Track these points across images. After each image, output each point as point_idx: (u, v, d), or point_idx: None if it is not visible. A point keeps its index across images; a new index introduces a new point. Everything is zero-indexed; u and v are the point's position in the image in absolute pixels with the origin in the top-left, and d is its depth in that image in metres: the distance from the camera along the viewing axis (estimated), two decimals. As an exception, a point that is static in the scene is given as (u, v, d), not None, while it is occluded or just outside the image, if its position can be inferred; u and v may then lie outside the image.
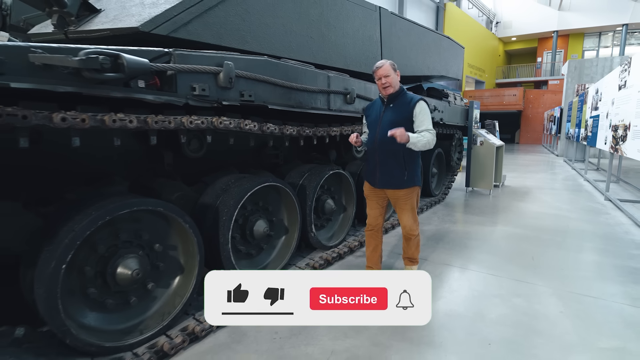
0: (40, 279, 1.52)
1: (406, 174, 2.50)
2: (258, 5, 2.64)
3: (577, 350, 1.94)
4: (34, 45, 1.35)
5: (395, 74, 2.48)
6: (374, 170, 2.57)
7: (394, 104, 2.51)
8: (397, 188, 2.53)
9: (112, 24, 2.22)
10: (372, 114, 2.61)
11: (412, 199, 2.59)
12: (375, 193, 2.66)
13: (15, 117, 1.29)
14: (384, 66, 2.45)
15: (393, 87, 2.46)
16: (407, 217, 2.61)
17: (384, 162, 2.51)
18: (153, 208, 1.85)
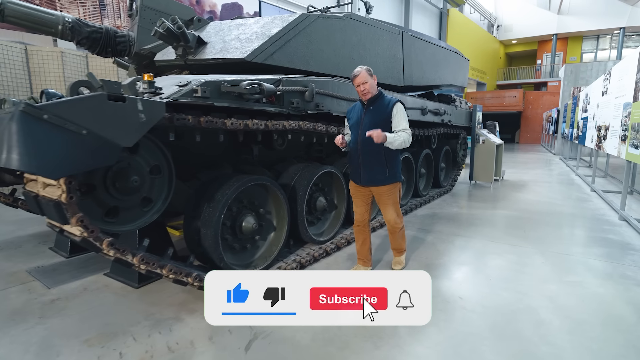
0: (206, 225, 2.41)
1: (387, 171, 2.65)
2: (316, 36, 3.53)
3: (550, 282, 2.82)
4: (224, 79, 2.24)
5: (372, 79, 2.61)
6: (358, 169, 2.70)
7: (374, 106, 2.65)
8: (379, 185, 2.69)
9: (222, 54, 3.12)
10: (354, 117, 2.73)
11: (394, 194, 2.74)
12: (360, 191, 2.80)
13: (212, 122, 2.19)
14: (360, 74, 2.57)
15: (371, 92, 2.61)
16: (390, 212, 2.76)
17: (367, 161, 2.64)
18: (264, 182, 2.74)
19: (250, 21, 3.48)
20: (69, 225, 1.67)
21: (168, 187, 2.21)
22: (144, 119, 1.75)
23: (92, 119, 1.58)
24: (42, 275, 2.99)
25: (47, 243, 3.78)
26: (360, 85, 2.59)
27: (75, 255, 3.39)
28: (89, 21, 3.40)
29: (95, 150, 1.60)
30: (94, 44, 3.42)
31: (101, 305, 2.47)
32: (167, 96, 1.93)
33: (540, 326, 2.20)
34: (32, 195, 1.76)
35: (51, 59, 6.65)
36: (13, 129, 1.38)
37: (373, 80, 2.63)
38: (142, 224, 2.10)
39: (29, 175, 1.81)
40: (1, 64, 6.08)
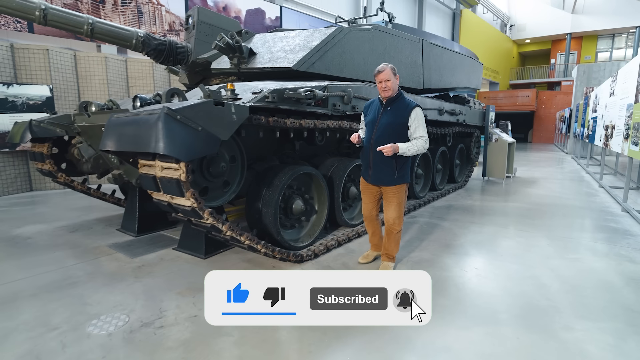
0: (267, 205, 2.95)
1: (396, 173, 2.67)
2: (349, 46, 4.05)
3: (553, 258, 3.30)
4: (286, 87, 2.78)
5: (395, 78, 2.60)
6: (368, 167, 2.75)
7: (392, 107, 2.65)
8: (387, 185, 2.73)
9: (271, 64, 3.67)
10: (370, 114, 2.75)
11: (400, 194, 2.75)
12: (369, 188, 2.86)
13: (277, 121, 2.74)
14: (385, 70, 2.58)
15: (392, 90, 2.60)
16: (392, 210, 2.76)
17: (377, 162, 2.67)
18: (310, 172, 3.28)
19: (292, 34, 4.02)
20: (183, 198, 2.23)
21: (241, 173, 2.77)
22: (235, 119, 2.31)
23: (204, 119, 2.14)
24: (121, 249, 3.59)
25: (112, 225, 4.39)
26: (382, 82, 2.57)
27: (142, 235, 3.98)
28: (156, 35, 3.98)
29: (206, 141, 2.15)
30: (159, 55, 4.00)
31: (180, 270, 3.04)
32: (247, 101, 2.48)
33: (542, 288, 2.69)
34: (150, 176, 2.32)
35: (96, 64, 7.32)
36: (159, 126, 1.94)
37: (396, 79, 2.61)
38: (223, 202, 2.66)
39: (144, 162, 2.37)
40: (55, 68, 6.75)
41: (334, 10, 13.07)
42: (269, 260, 3.18)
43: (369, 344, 2.01)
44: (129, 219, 4.06)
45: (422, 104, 4.86)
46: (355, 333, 2.10)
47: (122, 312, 2.36)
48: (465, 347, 1.99)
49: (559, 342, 2.03)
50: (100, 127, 3.35)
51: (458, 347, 1.99)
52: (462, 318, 2.30)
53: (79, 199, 6.05)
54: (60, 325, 2.22)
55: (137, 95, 2.96)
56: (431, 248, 3.54)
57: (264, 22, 10.44)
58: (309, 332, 2.11)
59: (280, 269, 3.00)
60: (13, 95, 6.23)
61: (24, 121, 3.93)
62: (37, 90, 6.46)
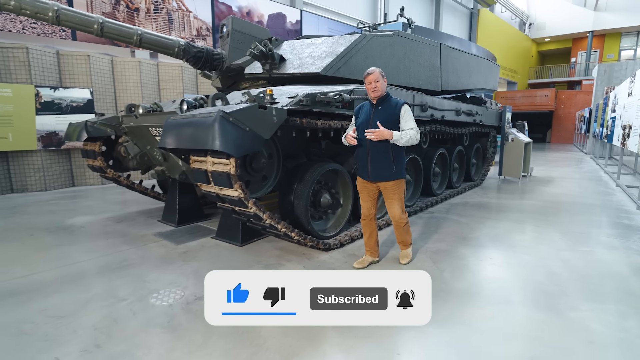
0: (298, 198, 3.28)
1: (394, 168, 2.79)
2: (371, 52, 4.34)
3: (564, 250, 3.52)
4: (318, 92, 3.11)
5: (383, 80, 2.78)
6: (365, 165, 2.84)
7: (382, 106, 2.80)
8: (386, 180, 2.84)
9: (300, 69, 3.99)
10: (362, 116, 2.87)
11: (400, 189, 2.89)
12: (367, 186, 2.94)
13: (310, 122, 3.06)
14: (374, 73, 2.74)
15: (381, 90, 2.76)
16: (395, 207, 2.90)
17: (375, 158, 2.78)
18: (337, 169, 3.59)
19: (319, 41, 4.34)
20: (232, 189, 2.58)
21: (277, 169, 3.10)
22: (275, 120, 2.64)
23: (250, 121, 2.47)
24: (165, 237, 3.98)
25: (152, 217, 4.80)
26: (372, 83, 2.73)
27: (181, 225, 4.37)
28: (195, 44, 4.36)
29: (252, 140, 2.49)
30: (198, 61, 4.38)
31: (221, 255, 3.40)
32: (285, 104, 2.81)
33: (552, 276, 2.93)
34: (202, 171, 2.68)
35: (131, 68, 7.81)
36: (216, 127, 2.29)
37: (384, 81, 2.79)
38: (262, 194, 3.00)
39: (197, 158, 2.73)
40: (95, 72, 7.26)
41: (352, 13, 13.35)
42: (299, 248, 3.51)
43: (394, 317, 2.31)
44: (170, 211, 4.46)
45: (439, 105, 5.11)
46: (382, 308, 2.40)
47: (177, 288, 2.72)
48: (480, 322, 2.26)
49: (565, 320, 2.29)
50: (147, 127, 3.76)
51: (473, 321, 2.27)
52: (477, 298, 2.57)
53: (116, 194, 6.54)
54: (127, 297, 2.59)
55: (183, 99, 3.33)
56: (448, 240, 3.80)
57: (285, 26, 10.81)
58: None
59: (310, 256, 3.32)
60: (59, 98, 6.76)
61: (79, 122, 4.37)
62: (79, 93, 6.98)
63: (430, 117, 4.86)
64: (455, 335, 2.12)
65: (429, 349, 2.00)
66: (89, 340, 2.09)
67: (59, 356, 1.94)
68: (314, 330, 2.15)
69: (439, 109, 5.07)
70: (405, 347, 2.01)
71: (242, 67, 4.43)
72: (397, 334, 2.12)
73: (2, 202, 5.90)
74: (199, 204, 4.63)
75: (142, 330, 2.18)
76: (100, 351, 1.98)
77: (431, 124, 4.96)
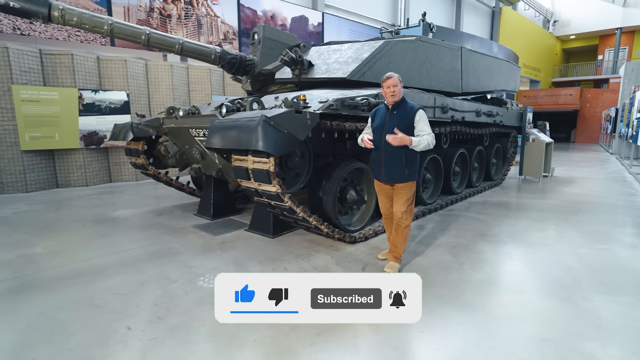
0: (327, 194, 3.55)
1: (407, 171, 2.86)
2: (395, 56, 4.57)
3: (581, 247, 3.66)
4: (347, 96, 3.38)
5: (400, 85, 2.84)
6: (380, 167, 2.92)
7: (398, 110, 2.86)
8: (399, 182, 2.91)
9: (327, 74, 4.27)
10: (378, 119, 2.95)
11: (410, 190, 2.94)
12: (383, 188, 3.03)
13: (339, 124, 3.34)
14: (393, 77, 2.81)
15: (398, 96, 2.83)
16: (401, 204, 2.93)
17: (389, 161, 2.86)
18: (362, 167, 3.85)
19: (344, 47, 4.60)
20: (270, 185, 2.88)
21: (308, 167, 3.39)
22: (309, 123, 2.92)
23: (288, 124, 2.77)
24: (203, 229, 4.33)
25: (188, 211, 5.17)
26: (391, 87, 2.79)
27: (216, 219, 4.72)
28: (229, 51, 4.69)
29: (289, 141, 2.78)
30: (232, 67, 4.71)
31: (255, 246, 3.72)
32: (317, 109, 3.09)
33: (567, 270, 3.11)
34: (243, 168, 2.99)
35: (163, 71, 8.27)
36: (259, 130, 2.59)
37: (401, 86, 2.86)
38: (294, 190, 3.29)
39: (238, 157, 3.04)
40: (131, 76, 7.75)
41: (373, 15, 13.53)
42: (327, 240, 3.79)
43: (417, 301, 2.55)
44: (205, 206, 4.82)
45: (460, 106, 5.28)
46: (406, 293, 2.65)
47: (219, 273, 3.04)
48: (495, 308, 2.48)
49: (577, 308, 2.48)
50: (187, 128, 4.11)
51: (489, 307, 2.49)
52: (494, 288, 2.78)
53: (150, 190, 6.99)
54: (177, 280, 2.93)
55: (223, 103, 3.66)
56: (467, 236, 4.00)
57: (307, 28, 11.11)
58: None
59: (336, 248, 3.60)
60: (99, 100, 7.27)
61: (125, 123, 4.78)
62: (117, 96, 7.47)
63: (451, 119, 5.04)
64: (472, 318, 2.35)
65: (447, 328, 2.24)
66: (151, 313, 2.42)
67: (130, 325, 2.28)
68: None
69: (460, 110, 5.25)
70: (426, 326, 2.25)
71: (273, 72, 4.74)
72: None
73: (50, 196, 6.43)
74: (231, 199, 4.98)
75: (195, 306, 2.51)
76: (162, 322, 2.31)
77: (451, 124, 5.14)
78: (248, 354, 1.99)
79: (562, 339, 2.11)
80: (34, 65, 6.71)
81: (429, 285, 2.80)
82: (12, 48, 6.34)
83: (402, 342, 2.10)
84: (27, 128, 6.62)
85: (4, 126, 6.47)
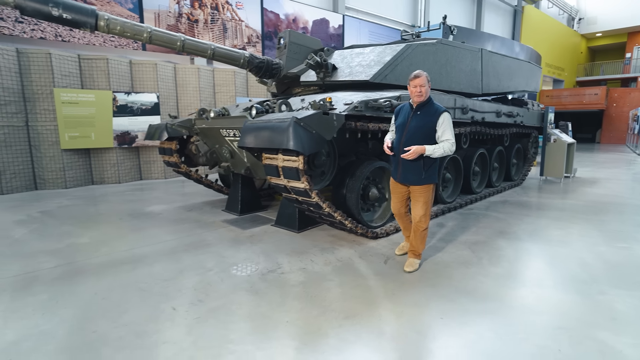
0: (350, 191, 3.74)
1: (424, 174, 2.86)
2: (416, 59, 4.71)
3: (600, 245, 3.73)
4: (370, 98, 3.56)
5: (428, 85, 2.80)
6: (397, 167, 2.95)
7: (422, 111, 2.84)
8: (415, 184, 2.93)
9: (351, 77, 4.46)
10: (401, 118, 2.95)
11: (427, 193, 2.93)
12: (398, 187, 3.08)
13: (363, 125, 3.52)
14: (421, 77, 2.78)
15: (424, 95, 2.81)
16: (418, 209, 2.95)
17: (406, 162, 2.86)
18: (383, 166, 4.03)
19: (367, 50, 4.78)
20: (299, 182, 3.09)
21: (333, 166, 3.59)
22: (336, 124, 3.12)
23: (316, 125, 2.98)
24: (232, 223, 4.59)
25: (216, 207, 5.46)
26: (418, 87, 2.77)
27: (243, 215, 4.98)
28: (257, 55, 4.94)
29: (317, 141, 2.99)
30: (259, 70, 4.96)
31: (282, 239, 3.94)
32: (342, 110, 3.29)
33: (585, 266, 3.20)
34: (274, 166, 3.22)
35: (191, 74, 8.64)
36: (290, 130, 2.81)
37: (428, 86, 2.82)
38: (320, 187, 3.49)
39: (269, 155, 3.27)
40: (160, 79, 8.14)
41: (392, 16, 13.62)
42: (349, 235, 3.99)
43: (436, 291, 2.71)
44: (233, 202, 5.09)
45: (480, 107, 5.38)
46: (430, 282, 2.82)
47: (251, 263, 3.28)
48: (513, 300, 2.62)
49: (592, 301, 2.59)
50: (218, 129, 4.37)
51: (507, 299, 2.63)
52: (511, 281, 2.91)
53: (178, 187, 7.35)
54: (213, 268, 3.19)
55: (253, 105, 3.90)
56: (486, 233, 4.11)
57: (328, 30, 11.32)
58: (391, 283, 2.86)
59: (359, 243, 3.78)
60: (131, 102, 7.69)
61: (159, 124, 5.11)
62: (148, 98, 7.88)
63: (471, 119, 5.14)
64: (490, 308, 2.50)
65: (465, 316, 2.39)
66: (192, 296, 2.68)
67: (175, 306, 2.54)
68: (370, 296, 2.62)
69: (480, 111, 5.34)
70: (446, 313, 2.41)
71: (298, 75, 4.96)
72: (440, 304, 2.53)
73: (87, 192, 6.86)
74: (257, 196, 5.23)
75: (231, 292, 2.75)
76: (203, 304, 2.56)
77: (471, 125, 5.24)
78: (282, 333, 2.20)
79: (576, 328, 2.24)
80: (73, 69, 7.16)
81: (449, 278, 2.96)
82: (54, 54, 6.80)
83: (423, 326, 2.27)
84: (67, 128, 7.08)
85: (46, 126, 6.94)
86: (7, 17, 6.49)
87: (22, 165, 6.84)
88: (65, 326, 2.30)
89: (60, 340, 2.15)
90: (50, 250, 3.69)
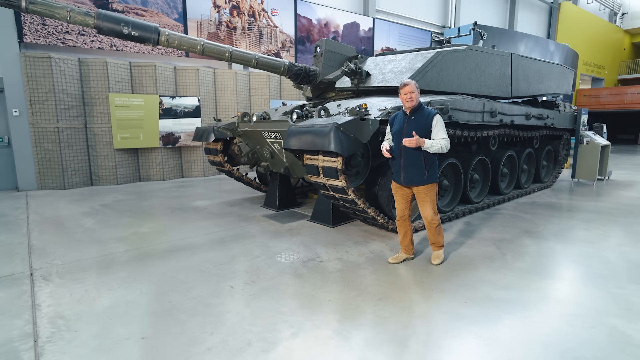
0: (382, 189, 4.07)
1: (426, 174, 3.05)
2: (446, 65, 4.96)
3: (625, 245, 3.85)
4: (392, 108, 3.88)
5: (417, 91, 3.03)
6: (399, 170, 3.13)
7: (415, 116, 3.05)
8: (418, 185, 3.10)
9: (384, 83, 4.77)
10: (396, 125, 3.15)
11: (431, 192, 3.13)
12: (401, 190, 3.23)
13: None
14: (410, 84, 3.01)
15: (415, 101, 3.02)
16: (427, 209, 3.15)
17: (408, 164, 3.05)
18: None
19: (399, 57, 5.07)
20: (337, 180, 3.46)
21: (366, 166, 3.93)
22: (371, 129, 3.46)
23: (354, 129, 3.33)
24: (271, 218, 5.02)
25: (255, 203, 5.92)
26: (408, 94, 3.00)
27: (281, 210, 5.40)
28: (296, 63, 5.35)
29: (354, 144, 3.34)
30: (297, 77, 5.36)
31: (318, 233, 4.32)
32: (377, 116, 3.62)
33: (607, 264, 3.37)
34: (314, 166, 3.60)
35: (229, 78, 9.20)
36: (332, 134, 3.18)
37: (417, 93, 3.04)
38: (355, 185, 3.84)
39: (310, 156, 3.65)
40: (201, 83, 8.74)
41: (423, 17, 13.72)
42: (380, 230, 4.31)
43: (461, 280, 3.00)
44: (271, 198, 5.53)
45: (509, 110, 5.53)
46: (456, 272, 3.11)
47: (292, 252, 3.68)
48: (533, 291, 2.86)
49: (609, 294, 2.79)
50: (260, 131, 4.81)
51: (527, 290, 2.87)
52: (533, 275, 3.14)
53: (216, 184, 7.90)
54: (260, 255, 3.61)
55: (294, 109, 4.30)
56: (512, 232, 4.32)
57: (359, 34, 11.62)
58: (420, 272, 3.18)
59: (389, 238, 4.10)
60: (175, 105, 8.33)
61: (205, 126, 5.63)
62: (190, 101, 8.50)
63: (500, 122, 5.32)
64: (510, 296, 2.76)
65: (487, 301, 2.67)
66: (245, 278, 3.10)
67: (232, 285, 2.97)
68: (401, 283, 2.95)
69: (509, 114, 5.50)
70: (470, 299, 2.70)
71: (333, 82, 5.33)
72: (465, 290, 2.82)
73: (136, 188, 7.54)
74: (293, 194, 5.65)
75: (278, 275, 3.15)
76: (255, 284, 2.98)
77: (500, 128, 5.42)
78: (325, 309, 2.57)
79: (591, 315, 2.47)
80: (125, 75, 7.87)
81: (474, 270, 3.23)
82: (110, 62, 7.52)
83: (449, 308, 2.58)
84: (119, 130, 7.79)
85: (101, 128, 7.68)
86: (72, 30, 7.25)
87: (81, 163, 7.61)
88: (145, 297, 2.78)
89: (144, 307, 2.63)
90: (118, 237, 4.25)
